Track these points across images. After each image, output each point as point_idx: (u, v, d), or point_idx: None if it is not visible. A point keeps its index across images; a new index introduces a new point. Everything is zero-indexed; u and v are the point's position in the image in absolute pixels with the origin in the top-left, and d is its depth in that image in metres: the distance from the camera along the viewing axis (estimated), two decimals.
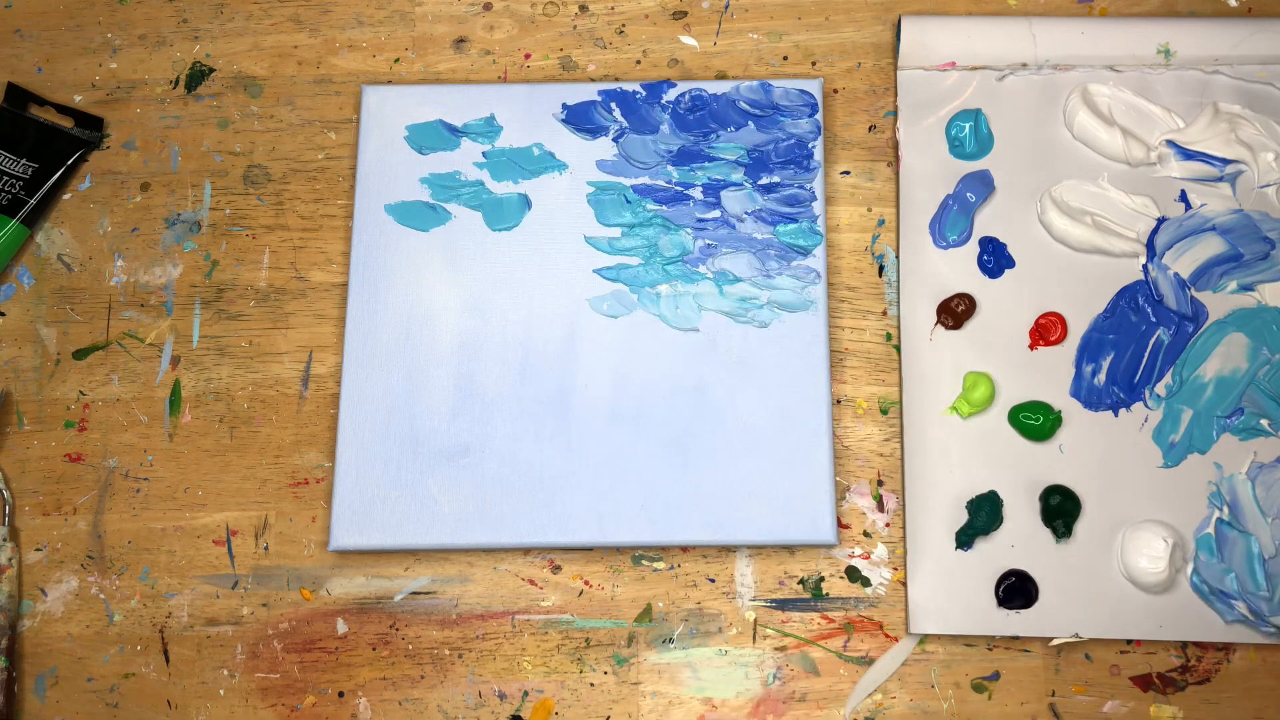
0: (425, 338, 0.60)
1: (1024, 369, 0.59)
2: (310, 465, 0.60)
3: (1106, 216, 0.61)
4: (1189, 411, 0.59)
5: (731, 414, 0.59)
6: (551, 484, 0.58)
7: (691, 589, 0.58)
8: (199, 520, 0.60)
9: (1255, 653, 0.57)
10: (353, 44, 0.66)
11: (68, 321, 0.62)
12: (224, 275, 0.63)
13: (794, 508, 0.57)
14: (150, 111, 0.65)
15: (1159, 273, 0.60)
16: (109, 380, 0.61)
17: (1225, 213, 0.61)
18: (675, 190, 0.62)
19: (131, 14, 0.67)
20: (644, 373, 0.59)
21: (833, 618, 0.58)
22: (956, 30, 0.63)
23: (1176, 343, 0.59)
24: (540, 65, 0.65)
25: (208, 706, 0.57)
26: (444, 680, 0.57)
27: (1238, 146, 0.61)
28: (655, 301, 0.61)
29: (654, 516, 0.57)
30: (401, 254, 0.61)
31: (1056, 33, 0.63)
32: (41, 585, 0.59)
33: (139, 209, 0.64)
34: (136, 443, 0.61)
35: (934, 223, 0.61)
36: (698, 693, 0.57)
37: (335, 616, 0.58)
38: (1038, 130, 0.62)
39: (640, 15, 0.66)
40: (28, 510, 0.60)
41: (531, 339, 0.60)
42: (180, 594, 0.59)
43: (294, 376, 0.61)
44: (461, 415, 0.59)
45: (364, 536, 0.58)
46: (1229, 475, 0.58)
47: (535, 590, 0.58)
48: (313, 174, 0.64)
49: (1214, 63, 0.63)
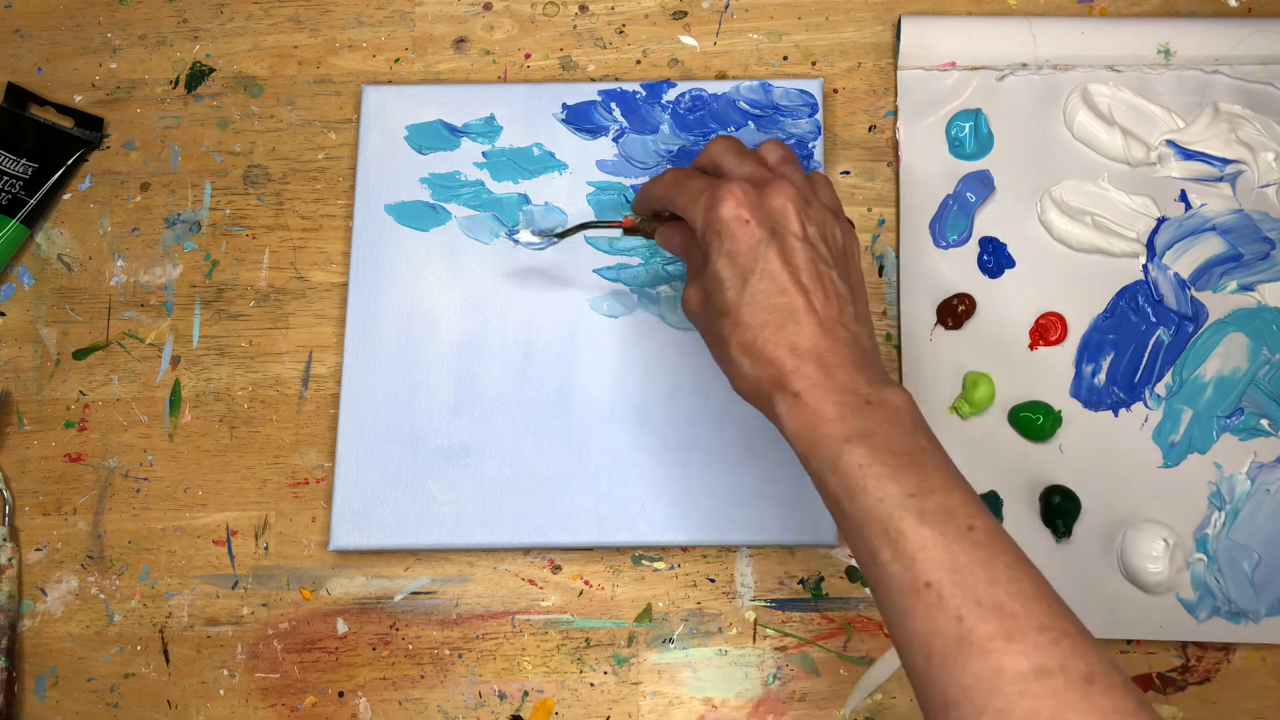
0: (425, 338, 0.60)
1: (1024, 369, 0.59)
2: (310, 465, 0.60)
3: (1106, 216, 0.61)
4: (1189, 411, 0.59)
5: (732, 414, 0.59)
6: (551, 484, 0.58)
7: (691, 589, 0.58)
8: (199, 520, 0.60)
9: (1255, 653, 0.57)
10: (353, 44, 0.66)
11: (68, 321, 0.62)
12: (224, 275, 0.63)
13: (794, 508, 0.57)
14: (150, 111, 0.65)
15: (1159, 273, 0.60)
16: (109, 380, 0.61)
17: (1225, 213, 0.61)
18: None
19: (131, 14, 0.67)
20: (644, 373, 0.59)
21: (833, 618, 0.58)
22: (956, 30, 0.63)
23: (1176, 343, 0.59)
24: (540, 65, 0.65)
25: (208, 706, 0.57)
26: (444, 680, 0.57)
27: (1238, 146, 0.61)
28: (655, 301, 0.61)
29: (654, 516, 0.57)
30: (401, 254, 0.61)
31: (1056, 33, 0.63)
32: (41, 585, 0.59)
33: (139, 209, 0.64)
34: (136, 443, 0.61)
35: (934, 223, 0.61)
36: (698, 693, 0.57)
37: (335, 616, 0.58)
38: (1038, 130, 0.63)
39: (640, 15, 0.66)
40: (28, 510, 0.60)
41: (531, 339, 0.60)
42: (180, 594, 0.59)
43: (294, 376, 0.61)
44: (461, 415, 0.59)
45: (364, 536, 0.58)
46: (1229, 475, 0.58)
47: (535, 590, 0.58)
48: (313, 174, 0.64)
49: (1214, 63, 0.63)
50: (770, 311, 0.46)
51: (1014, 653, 0.38)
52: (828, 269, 0.47)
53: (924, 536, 0.40)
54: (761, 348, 0.46)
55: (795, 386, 0.44)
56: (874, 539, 0.41)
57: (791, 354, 0.45)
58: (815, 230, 0.48)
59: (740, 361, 0.46)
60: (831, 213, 0.49)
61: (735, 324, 0.46)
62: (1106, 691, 0.37)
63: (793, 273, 0.46)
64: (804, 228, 0.47)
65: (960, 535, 0.40)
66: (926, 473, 0.42)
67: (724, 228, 0.47)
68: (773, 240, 0.46)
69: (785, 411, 0.45)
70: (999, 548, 0.40)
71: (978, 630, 0.38)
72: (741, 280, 0.46)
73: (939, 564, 0.39)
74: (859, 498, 0.42)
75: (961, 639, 0.38)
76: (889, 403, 0.44)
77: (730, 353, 0.47)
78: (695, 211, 0.48)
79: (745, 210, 0.47)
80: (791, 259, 0.46)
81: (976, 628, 0.38)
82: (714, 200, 0.47)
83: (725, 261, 0.47)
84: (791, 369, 0.45)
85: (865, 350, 0.46)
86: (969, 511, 0.41)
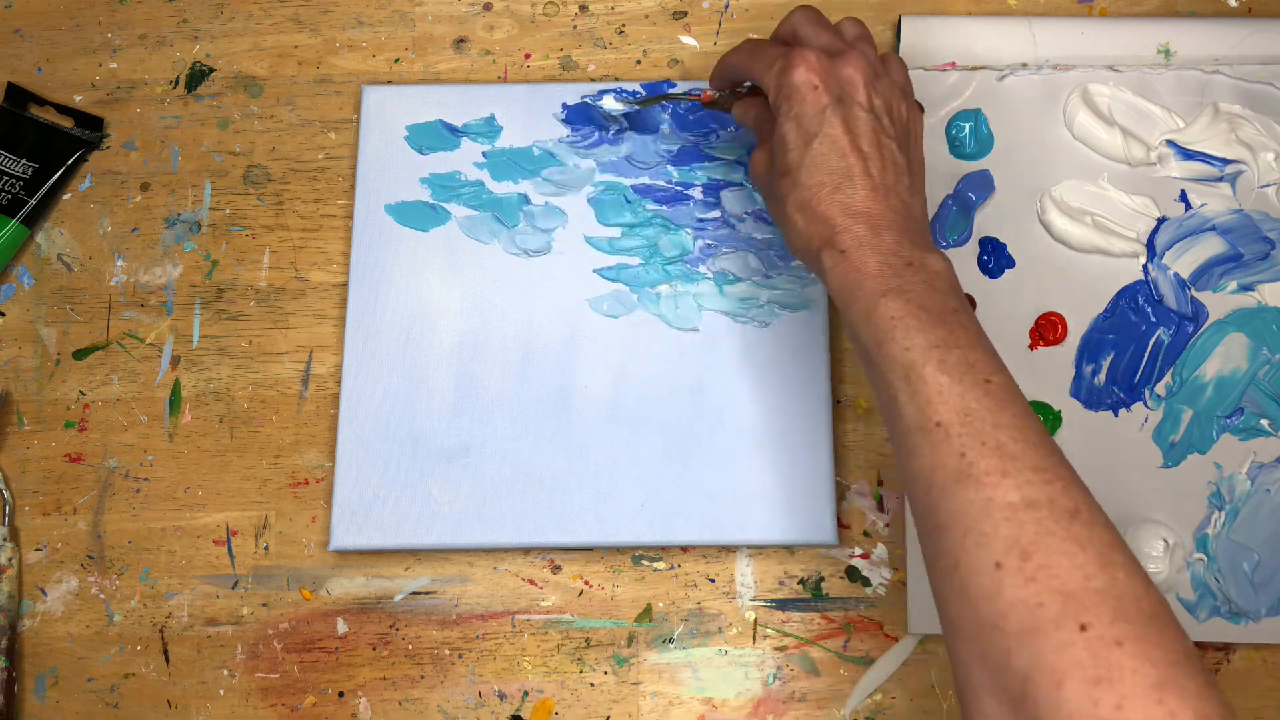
0: (425, 338, 0.60)
1: (1024, 369, 0.59)
2: (310, 465, 0.60)
3: (1106, 216, 0.61)
4: (1189, 411, 0.59)
5: (731, 414, 0.59)
6: (551, 484, 0.58)
7: (691, 589, 0.58)
8: (199, 520, 0.60)
9: (1255, 653, 0.57)
10: (353, 44, 0.66)
11: (68, 321, 0.62)
12: (224, 275, 0.63)
13: (794, 507, 0.57)
14: (150, 111, 0.65)
15: (1159, 273, 0.60)
16: (109, 380, 0.61)
17: (1225, 213, 0.61)
18: (675, 190, 0.62)
19: (131, 14, 0.67)
20: (644, 373, 0.59)
21: (833, 618, 0.58)
22: (956, 30, 0.63)
23: (1176, 343, 0.59)
24: (540, 65, 0.65)
25: (208, 706, 0.57)
26: (444, 680, 0.57)
27: (1238, 146, 0.61)
28: (655, 301, 0.61)
29: (654, 516, 0.57)
30: (401, 254, 0.61)
31: (1056, 33, 0.63)
32: (41, 585, 0.59)
33: (139, 209, 0.64)
34: (136, 443, 0.61)
35: (934, 223, 0.61)
36: (698, 693, 0.57)
37: (335, 616, 0.58)
38: (1038, 130, 0.63)
39: (640, 15, 0.66)
40: (28, 510, 0.60)
41: (531, 339, 0.60)
42: (180, 594, 0.59)
43: (294, 376, 0.61)
44: (461, 415, 0.59)
45: (364, 536, 0.58)
46: (1229, 475, 0.58)
47: (535, 590, 0.58)
48: (313, 174, 0.64)
49: (1214, 63, 0.63)
50: (828, 173, 0.49)
51: (1006, 486, 0.40)
52: (888, 140, 0.50)
53: (941, 383, 0.43)
54: (816, 206, 0.48)
55: (843, 244, 0.47)
56: (896, 383, 0.44)
57: (844, 213, 0.48)
58: (881, 103, 0.50)
59: (796, 219, 0.49)
60: (900, 90, 0.52)
61: (794, 183, 0.49)
62: (1088, 525, 0.40)
63: (853, 139, 0.49)
64: (870, 99, 0.50)
65: (975, 385, 0.43)
66: (953, 330, 0.44)
67: (794, 92, 0.49)
68: (838, 107, 0.49)
69: (830, 266, 0.48)
70: (1010, 400, 0.43)
71: (978, 465, 0.41)
72: (805, 142, 0.49)
73: (951, 408, 0.42)
74: (887, 345, 0.44)
75: (961, 472, 0.41)
76: (929, 266, 0.46)
77: (787, 211, 0.50)
78: (769, 77, 0.51)
79: (816, 76, 0.49)
80: (854, 126, 0.49)
81: (977, 463, 0.41)
82: (787, 66, 0.50)
83: (791, 124, 0.50)
84: (843, 228, 0.48)
85: (915, 219, 0.49)
86: (988, 368, 0.44)
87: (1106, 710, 0.36)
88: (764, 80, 0.51)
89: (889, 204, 0.48)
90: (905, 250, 0.47)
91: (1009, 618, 0.38)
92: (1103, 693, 0.36)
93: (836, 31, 0.53)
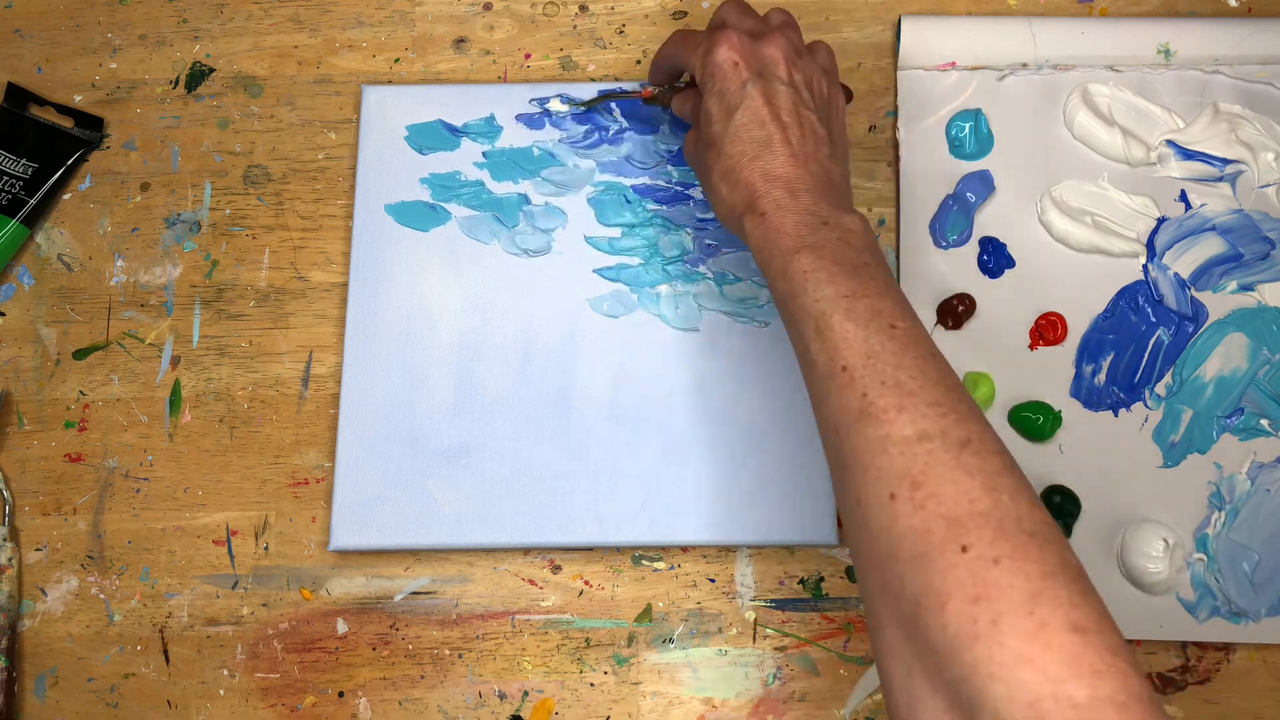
0: (425, 338, 0.60)
1: (1024, 369, 0.59)
2: (310, 465, 0.60)
3: (1106, 216, 0.61)
4: (1189, 411, 0.59)
5: (732, 414, 0.59)
6: (551, 484, 0.58)
7: (691, 589, 0.58)
8: (199, 520, 0.60)
9: (1255, 653, 0.57)
10: (353, 44, 0.66)
11: (68, 321, 0.62)
12: (224, 275, 0.63)
13: (794, 508, 0.57)
14: (150, 111, 0.65)
15: (1159, 273, 0.60)
16: (109, 380, 0.61)
17: (1225, 213, 0.61)
18: (675, 190, 0.62)
19: (131, 14, 0.67)
20: (644, 373, 0.59)
21: (833, 618, 0.58)
22: (956, 30, 0.63)
23: (1176, 343, 0.59)
24: (540, 65, 0.65)
25: (208, 706, 0.57)
26: (444, 680, 0.57)
27: (1238, 146, 0.61)
28: (655, 301, 0.61)
29: (654, 516, 0.57)
30: (401, 254, 0.61)
31: (1056, 33, 0.63)
32: (41, 585, 0.59)
33: (139, 209, 0.64)
34: (136, 443, 0.61)
35: (934, 223, 0.61)
36: (698, 693, 0.57)
37: (335, 616, 0.58)
38: (1038, 130, 0.63)
39: (640, 15, 0.66)
40: (28, 510, 0.60)
41: (531, 339, 0.60)
42: (180, 594, 0.59)
43: (294, 376, 0.61)
44: (461, 415, 0.59)
45: (364, 536, 0.58)
46: (1229, 475, 0.58)
47: (535, 590, 0.58)
48: (313, 174, 0.64)
49: (1214, 63, 0.63)
50: (749, 143, 0.50)
51: (902, 421, 0.42)
52: (808, 111, 0.52)
53: (848, 330, 0.44)
54: (738, 173, 0.50)
55: (763, 208, 0.49)
56: (808, 333, 0.46)
57: (764, 179, 0.50)
58: (801, 78, 0.52)
59: (720, 187, 0.51)
60: (822, 70, 0.54)
61: (719, 154, 0.51)
62: (978, 453, 0.41)
63: (773, 110, 0.51)
64: (790, 75, 0.52)
65: (880, 330, 0.44)
66: (864, 281, 0.46)
67: (716, 69, 0.52)
68: (758, 81, 0.51)
69: (751, 229, 0.49)
70: (915, 343, 0.44)
71: (877, 404, 0.42)
72: (727, 115, 0.51)
73: (856, 352, 0.44)
74: (800, 298, 0.46)
75: (863, 411, 0.43)
76: (844, 225, 0.48)
77: (713, 180, 0.52)
78: (694, 59, 0.53)
79: (737, 54, 0.52)
80: (774, 99, 0.51)
81: (876, 401, 0.42)
82: (711, 46, 0.52)
83: (715, 99, 0.52)
84: (763, 192, 0.49)
85: (835, 184, 0.51)
86: (895, 314, 0.45)
87: (984, 626, 0.37)
88: (691, 63, 0.54)
89: (809, 169, 0.50)
90: (823, 211, 0.48)
91: (902, 545, 0.40)
92: (980, 609, 0.37)
93: (763, 20, 0.55)
